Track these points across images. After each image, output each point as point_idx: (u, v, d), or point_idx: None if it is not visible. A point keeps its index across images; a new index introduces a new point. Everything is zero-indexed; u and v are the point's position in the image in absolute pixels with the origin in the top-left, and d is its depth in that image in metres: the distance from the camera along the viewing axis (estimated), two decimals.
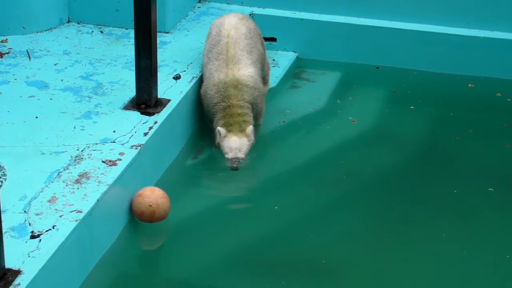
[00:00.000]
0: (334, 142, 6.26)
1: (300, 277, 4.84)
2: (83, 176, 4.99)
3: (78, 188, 4.88)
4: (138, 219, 5.16)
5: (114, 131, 5.45)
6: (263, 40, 6.23)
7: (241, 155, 5.59)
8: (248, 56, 5.77)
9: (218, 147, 5.70)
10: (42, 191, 4.82)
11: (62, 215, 4.63)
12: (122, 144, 5.31)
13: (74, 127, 5.49)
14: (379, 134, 6.36)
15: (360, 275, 4.84)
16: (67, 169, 5.05)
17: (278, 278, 4.80)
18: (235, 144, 5.61)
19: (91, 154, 5.20)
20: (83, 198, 4.78)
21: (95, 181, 4.96)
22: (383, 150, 6.16)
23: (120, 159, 5.16)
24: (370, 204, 5.47)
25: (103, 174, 5.02)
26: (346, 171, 5.86)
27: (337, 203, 5.48)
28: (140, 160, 5.25)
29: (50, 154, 5.16)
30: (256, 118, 5.92)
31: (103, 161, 5.14)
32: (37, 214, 4.63)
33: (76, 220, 4.60)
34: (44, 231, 4.49)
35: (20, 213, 4.63)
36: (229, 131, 5.63)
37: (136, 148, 5.28)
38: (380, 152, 6.07)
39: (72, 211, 4.68)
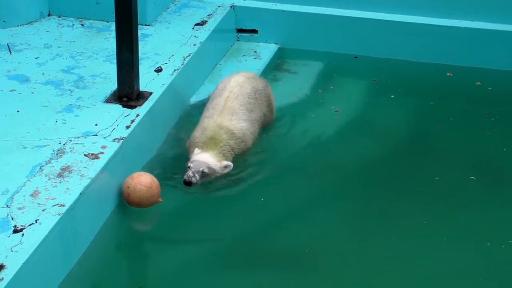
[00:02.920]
0: (317, 133, 6.22)
1: (284, 268, 4.85)
2: (66, 169, 4.97)
3: (60, 182, 4.85)
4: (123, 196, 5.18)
5: (96, 125, 5.41)
6: (272, 103, 6.14)
7: (204, 169, 5.34)
8: (246, 113, 5.72)
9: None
10: (24, 185, 4.79)
11: (45, 209, 4.61)
12: (104, 138, 5.28)
13: (56, 121, 5.45)
14: (362, 123, 6.31)
15: (344, 265, 4.86)
16: (49, 163, 5.01)
17: (263, 270, 4.82)
18: (203, 158, 5.39)
19: (73, 148, 5.17)
20: (65, 191, 4.77)
21: (77, 174, 4.94)
22: (366, 140, 6.12)
23: (103, 153, 5.12)
24: (354, 195, 5.47)
25: (85, 167, 5.00)
26: (330, 161, 5.83)
27: (322, 194, 5.47)
28: (123, 153, 5.21)
29: (32, 148, 5.13)
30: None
31: (85, 155, 5.11)
32: (19, 209, 4.61)
33: (59, 214, 4.58)
34: (27, 225, 4.48)
35: (3, 207, 4.61)
36: (205, 151, 5.48)
37: (119, 141, 5.25)
38: (363, 142, 6.01)
39: (54, 205, 4.66)
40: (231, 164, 5.45)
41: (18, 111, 5.56)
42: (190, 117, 6.31)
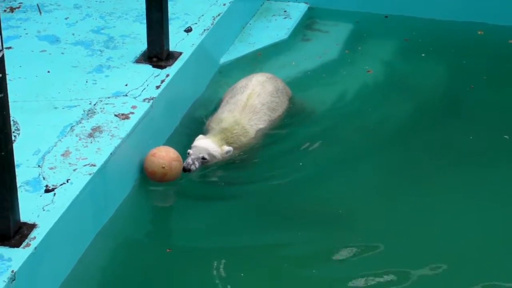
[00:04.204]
0: (348, 93, 6.13)
1: (316, 227, 4.84)
2: (96, 130, 4.96)
3: (91, 142, 4.85)
4: (148, 177, 5.05)
5: (126, 85, 5.39)
6: (292, 98, 5.93)
7: (203, 155, 5.17)
8: (268, 112, 5.58)
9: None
10: (55, 145, 4.80)
11: (76, 169, 4.62)
12: (135, 98, 5.27)
13: (86, 81, 5.43)
14: (394, 84, 6.17)
15: (376, 224, 4.83)
16: (80, 123, 5.02)
17: (297, 229, 4.82)
18: (203, 143, 5.22)
19: (103, 108, 5.16)
20: (96, 151, 4.76)
21: (108, 134, 4.93)
22: (398, 100, 5.99)
23: (133, 113, 5.12)
24: (386, 155, 5.41)
25: (116, 127, 4.99)
26: (362, 122, 5.76)
27: (353, 155, 5.42)
28: (153, 113, 5.20)
29: (62, 108, 5.13)
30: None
31: (115, 115, 5.10)
32: (51, 168, 4.61)
33: (90, 174, 4.58)
34: (58, 185, 4.48)
35: (34, 167, 4.61)
36: (206, 137, 5.32)
37: (149, 101, 5.23)
38: (395, 102, 5.95)
39: (85, 165, 4.66)
40: (231, 149, 5.28)
41: (48, 72, 5.55)
42: (221, 77, 6.28)
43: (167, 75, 5.52)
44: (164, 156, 4.97)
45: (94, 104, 5.19)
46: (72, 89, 5.33)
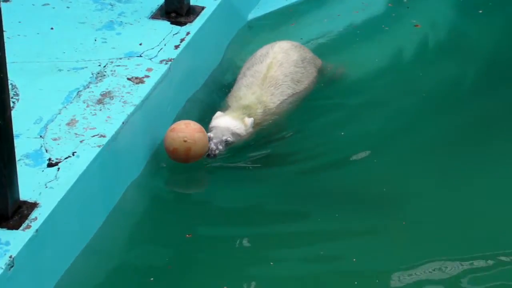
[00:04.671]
0: (394, 53, 6.07)
1: (357, 211, 4.77)
2: (106, 95, 4.92)
3: (100, 110, 4.82)
4: (171, 158, 4.94)
5: (140, 44, 5.37)
6: (323, 68, 5.76)
7: (227, 137, 5.03)
8: (291, 84, 5.39)
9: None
10: (59, 113, 4.77)
11: (83, 140, 4.59)
12: (150, 59, 5.23)
13: (95, 40, 5.40)
14: (444, 41, 6.19)
15: (426, 208, 4.75)
16: (88, 87, 4.98)
17: (330, 214, 4.73)
18: (224, 123, 5.08)
19: (114, 71, 5.12)
20: (106, 120, 4.74)
21: (119, 101, 4.89)
22: (448, 60, 5.96)
23: (148, 76, 5.08)
24: (439, 125, 5.34)
25: (128, 93, 4.94)
26: (407, 84, 5.73)
27: (402, 126, 5.36)
28: (171, 76, 5.17)
29: (68, 70, 5.10)
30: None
31: (128, 78, 5.06)
32: (54, 139, 4.58)
33: (99, 146, 4.55)
34: (62, 158, 4.45)
35: (36, 138, 4.58)
36: (226, 114, 5.16)
37: (166, 63, 5.19)
38: (444, 62, 5.90)
39: (94, 136, 4.63)
40: (252, 119, 5.15)
41: (52, 29, 5.50)
42: (249, 36, 6.20)
43: (188, 33, 5.48)
44: (184, 128, 4.89)
45: (104, 66, 5.15)
46: (78, 49, 5.30)
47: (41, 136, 4.60)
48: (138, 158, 4.97)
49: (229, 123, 5.10)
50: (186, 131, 4.89)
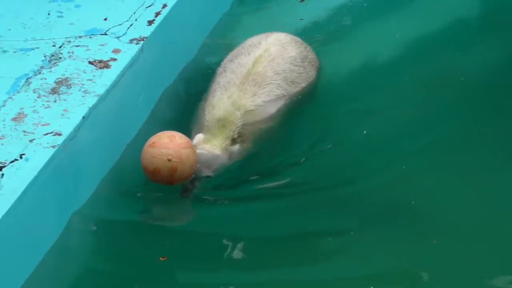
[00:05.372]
0: (422, 30, 5.99)
1: (378, 223, 4.76)
2: (62, 83, 4.87)
3: (55, 101, 4.76)
4: (151, 179, 4.82)
5: (105, 19, 5.33)
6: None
7: (207, 172, 4.93)
8: (282, 85, 5.25)
9: None
10: (4, 105, 4.72)
11: (33, 139, 4.52)
12: (117, 38, 5.20)
13: (49, 14, 5.35)
14: (484, 17, 6.19)
15: (460, 220, 4.72)
16: (40, 73, 4.93)
17: (346, 228, 4.73)
18: (204, 157, 4.96)
19: (72, 52, 5.08)
20: (62, 115, 4.68)
21: (79, 90, 4.83)
22: (490, 41, 5.91)
23: (115, 59, 5.03)
24: (469, 115, 5.35)
25: (90, 80, 4.89)
26: (442, 70, 5.72)
27: (433, 117, 5.33)
28: (143, 60, 5.13)
29: (14, 52, 5.07)
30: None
31: (90, 62, 5.01)
32: None
33: (53, 147, 4.48)
34: (7, 162, 4.40)
35: None
36: (206, 140, 5.06)
37: (138, 43, 5.14)
38: (486, 44, 5.87)
39: (47, 134, 4.55)
40: (238, 148, 5.06)
41: None
42: (241, 12, 6.13)
43: (164, 6, 5.44)
44: (168, 143, 4.76)
45: (60, 47, 5.10)
46: (28, 25, 5.25)
47: None
48: (102, 162, 4.93)
49: (208, 157, 4.96)
50: (171, 146, 4.77)
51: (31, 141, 4.51)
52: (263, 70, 5.28)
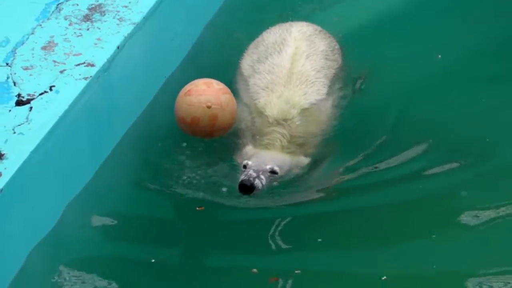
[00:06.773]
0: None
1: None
2: (96, 10, 4.80)
3: (88, 29, 4.69)
4: (189, 132, 4.65)
5: None
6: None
7: (272, 166, 4.70)
8: (327, 82, 5.07)
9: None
10: (33, 33, 4.63)
11: (64, 70, 4.43)
12: None
13: None
14: None
15: None
16: None
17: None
18: (268, 155, 4.76)
19: None
20: (95, 44, 4.58)
21: (113, 17, 4.78)
22: None
23: None
24: None
25: (126, 7, 4.82)
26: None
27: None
28: None
29: None
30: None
31: None
32: (26, 69, 4.45)
33: (86, 78, 4.40)
34: (36, 94, 4.31)
35: (1, 66, 4.46)
36: (269, 146, 4.87)
37: None
38: None
39: (78, 64, 4.47)
40: (309, 159, 4.83)
41: None
42: None
43: None
44: (206, 89, 4.58)
45: None
46: None
47: (7, 64, 4.48)
48: (137, 95, 4.88)
49: (273, 157, 4.76)
50: (209, 93, 4.59)
51: (61, 72, 4.43)
52: (303, 69, 5.10)
